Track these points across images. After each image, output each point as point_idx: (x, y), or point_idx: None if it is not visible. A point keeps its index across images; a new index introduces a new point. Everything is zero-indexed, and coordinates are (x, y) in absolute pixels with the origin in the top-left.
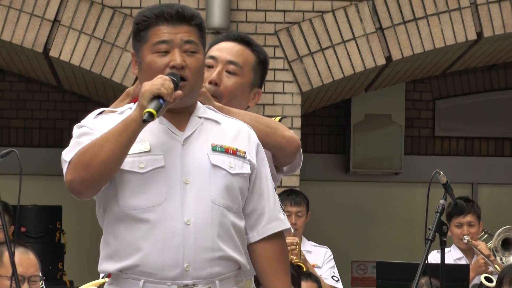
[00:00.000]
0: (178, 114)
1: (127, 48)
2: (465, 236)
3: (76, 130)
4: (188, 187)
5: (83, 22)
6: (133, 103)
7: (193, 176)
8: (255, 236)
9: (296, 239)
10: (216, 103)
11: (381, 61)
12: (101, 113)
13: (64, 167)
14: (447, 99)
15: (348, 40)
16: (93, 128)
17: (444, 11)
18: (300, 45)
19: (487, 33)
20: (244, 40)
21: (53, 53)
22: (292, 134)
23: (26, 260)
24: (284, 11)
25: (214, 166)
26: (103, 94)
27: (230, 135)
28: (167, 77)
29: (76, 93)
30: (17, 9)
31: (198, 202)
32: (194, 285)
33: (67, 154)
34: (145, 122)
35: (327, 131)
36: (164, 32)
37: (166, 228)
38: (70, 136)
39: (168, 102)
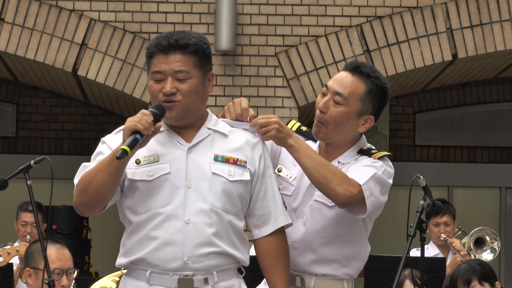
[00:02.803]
0: (187, 128)
1: (145, 68)
2: (441, 234)
3: (99, 146)
4: (190, 191)
5: (107, 46)
6: None
7: (195, 182)
8: (258, 234)
9: None
10: (289, 142)
11: None
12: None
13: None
14: (426, 112)
15: (339, 61)
16: (109, 144)
17: (423, 35)
18: (297, 65)
19: (461, 54)
20: (358, 70)
21: (81, 72)
22: (342, 191)
23: (63, 255)
24: (283, 35)
25: (214, 174)
26: (125, 109)
27: (234, 146)
28: (147, 112)
29: (101, 108)
30: (49, 34)
31: (198, 205)
32: (193, 275)
33: (76, 178)
34: (118, 159)
35: None
36: (159, 62)
37: (169, 226)
38: (96, 146)
39: (147, 134)
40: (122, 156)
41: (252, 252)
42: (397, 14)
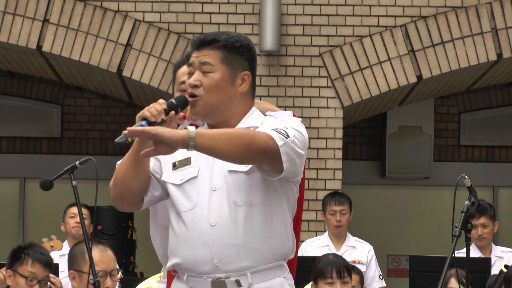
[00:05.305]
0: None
1: None
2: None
3: None
4: (215, 193)
5: (152, 46)
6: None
7: (218, 183)
8: None
9: None
10: None
11: (413, 79)
12: None
13: None
14: (471, 112)
15: (383, 61)
16: None
17: (468, 35)
18: (341, 65)
19: (506, 54)
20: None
21: (126, 73)
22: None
23: (106, 257)
24: (328, 36)
25: (230, 171)
26: None
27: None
28: (162, 101)
29: None
30: (94, 35)
31: (222, 206)
32: (226, 278)
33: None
34: (116, 143)
35: (366, 140)
36: (192, 57)
37: (195, 230)
38: None
39: (156, 122)
40: (120, 140)
41: (299, 252)
42: (441, 14)
